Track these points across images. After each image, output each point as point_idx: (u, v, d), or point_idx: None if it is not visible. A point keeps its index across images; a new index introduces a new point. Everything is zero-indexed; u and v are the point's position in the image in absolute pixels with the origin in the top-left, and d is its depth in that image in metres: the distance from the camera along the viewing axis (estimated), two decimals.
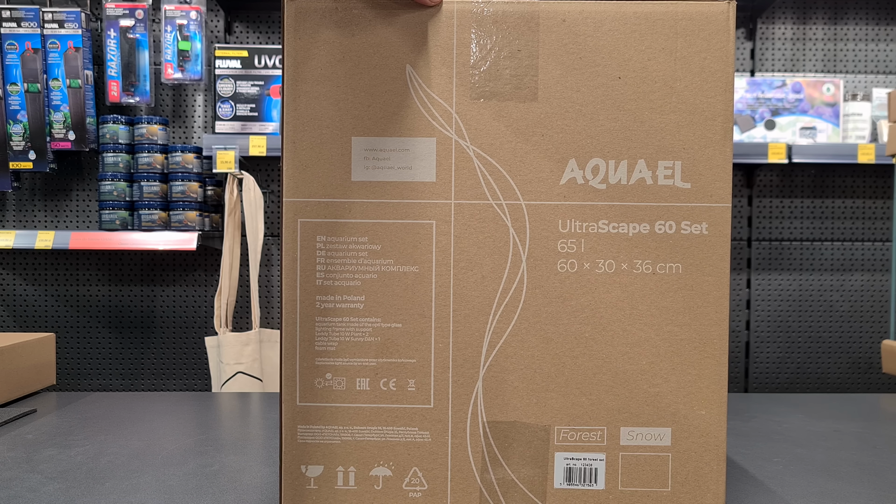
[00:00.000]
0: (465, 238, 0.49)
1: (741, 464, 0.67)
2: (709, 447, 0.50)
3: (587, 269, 0.49)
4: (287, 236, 0.49)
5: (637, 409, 0.50)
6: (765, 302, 2.03)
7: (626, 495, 0.50)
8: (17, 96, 1.81)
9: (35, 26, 1.81)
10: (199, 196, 1.82)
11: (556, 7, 0.49)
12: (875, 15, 2.02)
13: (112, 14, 1.84)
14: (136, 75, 1.86)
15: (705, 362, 0.50)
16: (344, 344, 0.50)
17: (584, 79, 0.49)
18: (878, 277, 2.03)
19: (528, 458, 0.50)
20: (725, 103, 0.49)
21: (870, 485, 0.61)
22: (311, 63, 0.49)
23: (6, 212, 2.01)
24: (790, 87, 1.83)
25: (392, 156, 0.49)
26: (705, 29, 0.49)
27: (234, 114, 1.81)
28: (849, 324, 2.03)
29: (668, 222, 0.49)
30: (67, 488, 0.58)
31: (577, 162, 0.49)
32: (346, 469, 0.50)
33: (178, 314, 2.03)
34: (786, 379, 2.04)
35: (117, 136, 1.80)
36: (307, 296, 0.49)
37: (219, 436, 0.76)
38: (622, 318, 0.49)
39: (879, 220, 2.03)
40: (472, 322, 0.49)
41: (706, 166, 0.49)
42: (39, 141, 1.82)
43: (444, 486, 0.50)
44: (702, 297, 0.49)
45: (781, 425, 0.83)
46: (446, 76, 0.49)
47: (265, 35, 2.02)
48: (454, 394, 0.49)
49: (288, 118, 0.49)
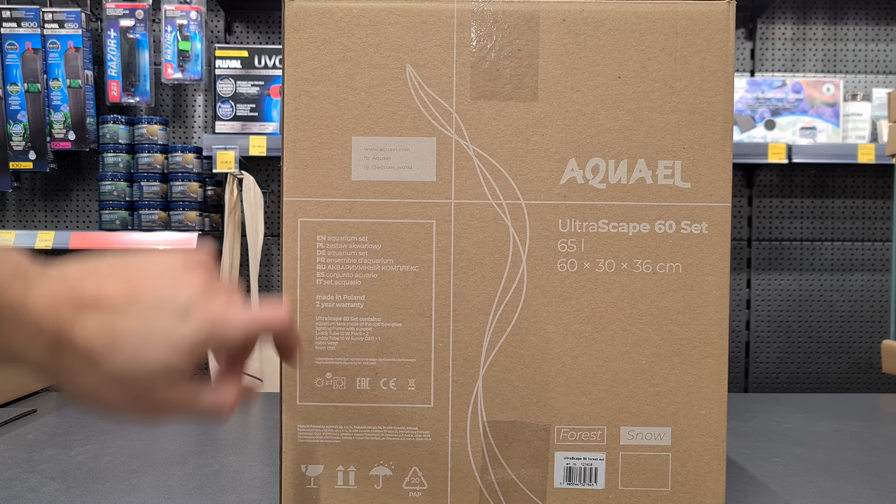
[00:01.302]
0: (466, 237, 0.49)
1: (741, 464, 0.67)
2: (709, 447, 0.50)
3: (587, 268, 0.49)
4: (287, 236, 0.49)
5: (637, 408, 0.50)
6: (765, 302, 2.03)
7: (626, 495, 0.50)
8: (17, 96, 1.81)
9: (35, 26, 1.81)
10: (199, 196, 1.82)
11: (556, 7, 0.49)
12: (875, 15, 2.02)
13: (112, 14, 1.84)
14: (136, 75, 1.86)
15: (705, 362, 0.50)
16: (344, 343, 0.50)
17: (585, 78, 0.49)
18: (878, 277, 2.03)
19: (528, 458, 0.50)
20: (725, 103, 0.49)
21: (870, 485, 0.61)
22: (311, 63, 0.49)
23: (6, 212, 2.01)
24: (790, 87, 1.83)
25: (392, 155, 0.49)
26: (705, 29, 0.49)
27: (234, 114, 1.81)
28: (849, 324, 2.03)
29: (668, 222, 0.49)
30: (67, 488, 0.58)
31: (577, 161, 0.49)
32: (347, 468, 0.50)
33: None
34: (786, 379, 2.04)
35: (117, 136, 1.80)
36: (307, 295, 0.49)
37: (219, 436, 0.76)
38: (622, 317, 0.49)
39: (879, 220, 2.03)
40: (473, 321, 0.49)
41: (706, 166, 0.49)
42: (39, 141, 1.82)
43: (444, 486, 0.50)
44: (702, 296, 0.49)
45: (781, 425, 0.83)
46: (446, 76, 0.49)
47: (265, 35, 2.02)
48: (454, 393, 0.50)
49: (288, 118, 0.49)
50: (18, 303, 0.33)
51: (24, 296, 0.33)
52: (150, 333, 0.36)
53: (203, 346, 0.37)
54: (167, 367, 0.36)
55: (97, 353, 0.35)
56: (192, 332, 0.36)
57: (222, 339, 0.38)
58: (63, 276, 0.36)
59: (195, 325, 0.36)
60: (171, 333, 0.36)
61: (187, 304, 0.37)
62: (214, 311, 0.37)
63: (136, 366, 0.35)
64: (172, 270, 0.38)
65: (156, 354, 0.36)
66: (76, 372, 0.35)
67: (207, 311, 0.37)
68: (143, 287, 0.37)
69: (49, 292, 0.34)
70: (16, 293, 0.33)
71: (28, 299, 0.33)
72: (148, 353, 0.36)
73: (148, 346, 0.36)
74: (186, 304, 0.37)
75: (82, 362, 0.35)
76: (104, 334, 0.35)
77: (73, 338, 0.34)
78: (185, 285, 0.37)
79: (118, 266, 0.38)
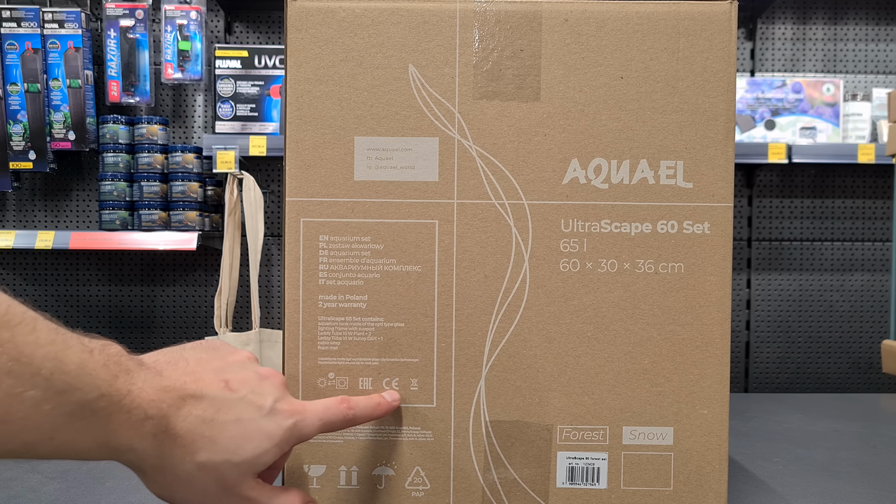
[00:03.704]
0: (468, 237, 0.49)
1: (742, 463, 0.67)
2: (711, 446, 0.50)
3: (590, 268, 0.49)
4: (290, 236, 0.49)
5: (639, 408, 0.50)
6: (765, 302, 2.03)
7: (629, 495, 0.50)
8: (17, 96, 1.81)
9: (35, 26, 1.81)
10: (199, 196, 1.82)
11: (558, 7, 0.49)
12: (875, 15, 2.03)
13: (112, 14, 1.84)
14: (136, 75, 1.86)
15: (707, 362, 0.50)
16: (346, 343, 0.50)
17: (587, 79, 0.49)
18: (878, 277, 2.03)
19: (530, 458, 0.50)
20: (727, 103, 0.49)
21: (870, 485, 0.61)
22: (313, 63, 0.49)
23: (6, 212, 2.01)
24: (790, 87, 1.83)
25: (395, 155, 0.49)
26: (707, 29, 0.49)
27: (234, 114, 1.81)
28: (849, 324, 2.03)
29: (671, 222, 0.49)
30: (67, 488, 0.58)
31: (579, 162, 0.49)
32: (349, 468, 0.50)
33: (178, 314, 2.03)
34: (786, 379, 2.04)
35: (117, 136, 1.80)
36: (310, 295, 0.49)
37: None
38: (624, 317, 0.50)
39: (879, 220, 2.03)
40: (475, 321, 0.49)
41: (708, 166, 0.49)
42: (39, 141, 1.82)
43: (447, 486, 0.50)
44: (704, 296, 0.50)
45: (781, 425, 0.83)
46: (449, 76, 0.49)
47: (265, 35, 2.02)
48: (457, 393, 0.50)
49: (290, 118, 0.49)
50: (125, 396, 0.35)
51: (128, 390, 0.35)
52: (247, 425, 0.38)
53: (290, 438, 0.40)
54: (261, 458, 0.39)
55: (199, 443, 0.37)
56: (282, 425, 0.39)
57: (305, 431, 0.41)
58: (158, 366, 0.38)
59: (283, 418, 0.39)
60: (265, 426, 0.39)
61: (275, 398, 0.40)
62: (294, 405, 0.41)
63: (235, 456, 0.38)
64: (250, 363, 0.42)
65: (253, 445, 0.38)
66: (177, 461, 0.37)
67: (291, 405, 0.40)
68: (236, 379, 0.39)
69: (152, 384, 0.36)
70: (121, 387, 0.35)
71: (133, 392, 0.35)
72: (246, 444, 0.38)
73: (245, 437, 0.38)
74: (275, 398, 0.40)
75: (183, 452, 0.37)
76: (205, 425, 0.37)
77: (176, 428, 0.36)
78: (267, 379, 0.41)
79: (205, 356, 0.40)
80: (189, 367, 0.39)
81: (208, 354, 0.41)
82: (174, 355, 0.40)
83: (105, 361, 0.34)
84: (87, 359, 0.34)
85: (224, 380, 0.39)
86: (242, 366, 0.41)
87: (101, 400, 0.33)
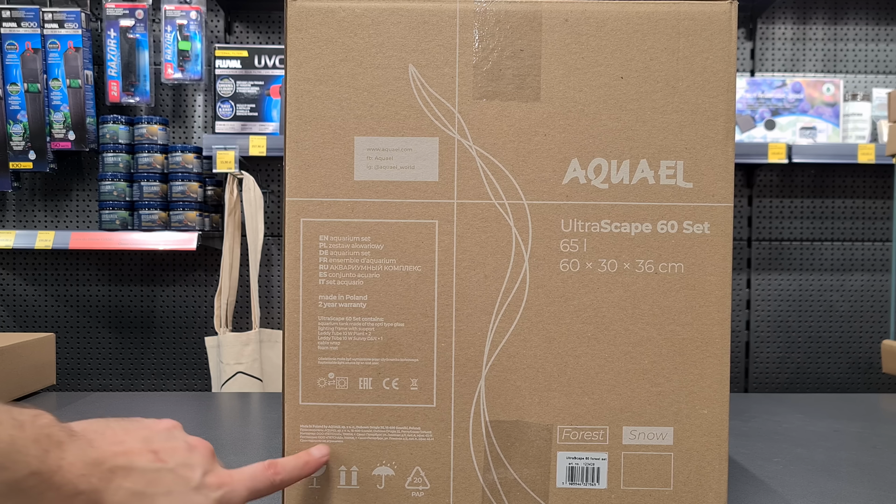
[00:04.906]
0: (468, 237, 0.49)
1: (742, 463, 0.67)
2: (711, 446, 0.50)
3: (589, 268, 0.49)
4: (290, 236, 0.49)
5: (639, 408, 0.50)
6: (765, 302, 2.03)
7: (629, 494, 0.50)
8: (17, 96, 1.81)
9: (35, 26, 1.81)
10: (199, 196, 1.82)
11: (558, 7, 0.49)
12: (875, 15, 2.03)
13: (112, 14, 1.84)
14: (136, 75, 1.86)
15: (707, 361, 0.50)
16: (346, 343, 0.50)
17: (587, 79, 0.49)
18: (878, 277, 2.03)
19: (530, 458, 0.50)
20: (727, 103, 0.49)
21: (870, 485, 0.61)
22: (313, 63, 0.49)
23: (6, 212, 2.01)
24: (790, 87, 1.83)
25: (395, 155, 0.49)
26: (707, 29, 0.49)
27: (234, 114, 1.81)
28: (849, 324, 2.03)
29: (671, 222, 0.49)
30: None
31: (579, 162, 0.49)
32: (349, 468, 0.50)
33: (178, 314, 2.03)
34: (786, 379, 2.04)
35: (117, 136, 1.80)
36: (310, 295, 0.49)
37: (219, 436, 0.76)
38: (624, 317, 0.50)
39: (879, 220, 2.03)
40: (475, 321, 0.49)
41: (708, 166, 0.49)
42: (39, 141, 1.82)
43: (447, 486, 0.50)
44: (704, 296, 0.49)
45: (781, 425, 0.83)
46: (449, 76, 0.49)
47: (265, 35, 2.02)
48: (457, 393, 0.50)
49: (290, 118, 0.49)
50: (56, 473, 0.35)
51: (59, 466, 0.35)
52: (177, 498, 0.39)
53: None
54: None
55: None
56: (210, 497, 0.40)
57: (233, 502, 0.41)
58: (88, 435, 0.38)
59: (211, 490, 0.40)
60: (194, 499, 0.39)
61: (204, 470, 0.40)
62: (222, 477, 0.41)
63: None
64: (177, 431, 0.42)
65: None
66: None
67: (218, 477, 0.41)
68: (164, 449, 0.40)
69: (82, 457, 0.36)
70: (52, 463, 0.35)
71: (63, 468, 0.35)
72: None
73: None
74: (203, 470, 0.40)
75: None
76: (136, 498, 0.38)
77: (107, 503, 0.37)
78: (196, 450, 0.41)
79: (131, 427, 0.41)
80: (117, 436, 0.39)
81: (134, 425, 0.41)
82: (101, 425, 0.40)
83: (36, 436, 0.35)
84: (18, 435, 0.34)
85: (153, 450, 0.39)
86: (170, 435, 0.42)
87: (31, 478, 0.34)
